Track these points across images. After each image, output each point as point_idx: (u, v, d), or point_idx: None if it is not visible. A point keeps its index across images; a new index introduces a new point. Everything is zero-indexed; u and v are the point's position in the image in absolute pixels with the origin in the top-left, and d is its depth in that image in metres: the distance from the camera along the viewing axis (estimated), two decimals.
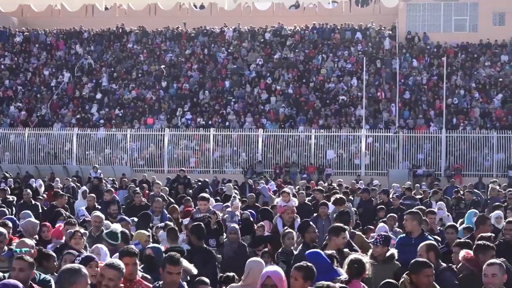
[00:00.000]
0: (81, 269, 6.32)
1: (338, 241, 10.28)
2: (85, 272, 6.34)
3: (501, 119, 44.34)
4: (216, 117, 46.10)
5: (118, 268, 7.17)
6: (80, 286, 6.18)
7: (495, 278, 7.45)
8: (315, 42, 53.28)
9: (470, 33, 52.53)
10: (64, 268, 6.43)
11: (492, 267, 7.54)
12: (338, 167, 41.59)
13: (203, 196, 15.25)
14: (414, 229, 11.24)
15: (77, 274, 6.24)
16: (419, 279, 7.78)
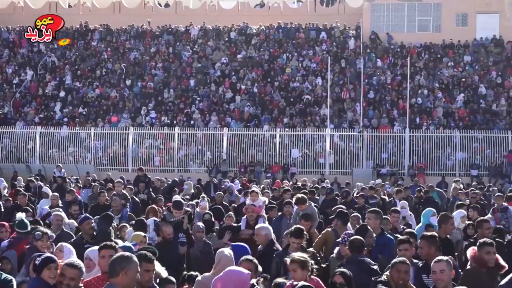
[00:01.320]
0: (132, 256, 6.85)
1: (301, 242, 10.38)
2: (136, 259, 6.85)
3: (464, 119, 44.80)
4: (180, 115, 45.97)
5: (79, 268, 7.24)
6: (129, 271, 6.69)
7: (443, 274, 7.61)
8: (280, 41, 53.36)
9: (434, 33, 52.99)
10: (118, 255, 6.97)
11: (440, 264, 7.68)
12: (303, 166, 41.73)
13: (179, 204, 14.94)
14: (376, 227, 11.39)
15: (128, 260, 6.75)
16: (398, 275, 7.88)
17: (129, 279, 6.72)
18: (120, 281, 6.69)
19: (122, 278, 6.71)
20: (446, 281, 7.60)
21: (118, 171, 39.29)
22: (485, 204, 19.82)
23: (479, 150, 41.57)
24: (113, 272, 6.73)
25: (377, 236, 11.21)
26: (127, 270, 6.67)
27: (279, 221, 15.31)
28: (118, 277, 6.71)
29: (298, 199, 15.10)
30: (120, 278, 6.70)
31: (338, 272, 7.72)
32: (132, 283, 6.79)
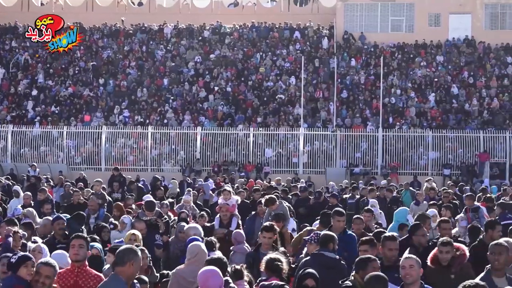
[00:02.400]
0: (138, 250, 7.39)
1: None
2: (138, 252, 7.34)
3: (436, 119, 45.10)
4: (154, 114, 45.83)
5: (54, 266, 7.35)
6: (135, 263, 7.19)
7: (412, 270, 7.68)
8: (254, 40, 53.37)
9: (406, 33, 53.30)
10: (122, 248, 7.47)
11: (410, 260, 7.75)
12: (276, 166, 41.78)
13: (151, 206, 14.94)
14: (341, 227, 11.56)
15: (135, 253, 7.26)
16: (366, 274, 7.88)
17: (133, 270, 7.22)
18: (126, 270, 7.15)
19: (128, 268, 7.17)
20: (414, 276, 7.67)
21: (91, 170, 39.16)
22: (457, 203, 19.93)
23: (451, 150, 41.88)
24: (121, 262, 7.20)
25: (340, 234, 11.32)
26: (134, 261, 7.18)
27: (253, 221, 15.34)
28: (125, 266, 7.17)
29: (267, 200, 15.11)
30: (126, 268, 7.16)
31: (308, 275, 7.71)
32: (135, 274, 7.34)
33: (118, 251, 7.42)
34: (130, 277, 7.22)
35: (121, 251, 7.33)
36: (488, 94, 47.47)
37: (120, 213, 16.11)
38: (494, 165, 41.00)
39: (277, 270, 8.04)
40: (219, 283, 7.16)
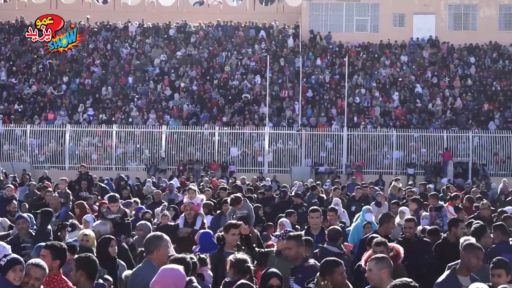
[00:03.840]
0: (163, 235, 8.10)
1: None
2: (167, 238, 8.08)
3: (400, 118, 45.41)
4: (118, 113, 45.58)
5: (44, 268, 7.27)
6: (162, 248, 7.89)
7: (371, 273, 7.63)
8: (219, 39, 53.31)
9: (371, 33, 53.60)
10: (148, 237, 8.21)
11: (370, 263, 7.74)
12: (242, 165, 41.80)
13: (113, 197, 14.95)
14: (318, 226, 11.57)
15: (160, 239, 7.97)
16: (333, 279, 7.86)
17: (162, 254, 7.86)
18: (155, 257, 7.84)
19: (156, 255, 7.86)
20: (375, 280, 7.65)
21: (55, 169, 38.84)
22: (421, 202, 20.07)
23: (415, 149, 42.23)
24: (148, 250, 7.98)
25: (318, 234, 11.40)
26: (160, 247, 7.88)
27: (218, 219, 15.33)
28: (153, 254, 7.88)
29: (233, 199, 15.11)
30: (154, 255, 7.86)
31: (272, 274, 7.69)
32: (165, 258, 7.84)
33: (145, 241, 8.15)
34: (161, 261, 7.75)
35: (147, 241, 8.05)
36: (451, 94, 47.92)
37: (82, 212, 16.01)
38: (457, 164, 41.41)
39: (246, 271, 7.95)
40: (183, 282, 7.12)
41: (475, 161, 41.56)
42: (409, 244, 11.27)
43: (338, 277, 7.91)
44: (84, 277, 7.40)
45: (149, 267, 7.76)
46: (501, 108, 46.59)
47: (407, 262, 10.81)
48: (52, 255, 7.91)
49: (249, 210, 14.70)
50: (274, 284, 7.57)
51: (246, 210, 14.62)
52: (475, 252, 8.03)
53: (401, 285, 6.50)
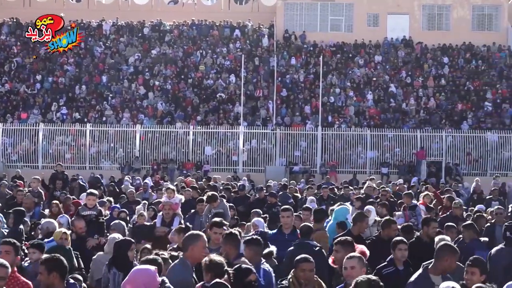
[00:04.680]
0: (199, 234, 8.49)
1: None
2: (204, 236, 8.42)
3: (374, 118, 45.60)
4: (92, 112, 45.35)
5: (8, 267, 7.30)
6: (196, 247, 8.14)
7: (353, 271, 7.66)
8: (194, 38, 53.21)
9: (346, 33, 53.78)
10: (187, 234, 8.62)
11: (351, 260, 7.76)
12: (216, 164, 41.75)
13: (91, 191, 14.97)
14: (290, 225, 11.59)
15: (195, 238, 8.29)
16: (299, 274, 7.90)
17: (196, 253, 8.11)
18: (189, 255, 8.14)
19: (191, 252, 8.14)
20: (356, 277, 7.68)
21: (28, 168, 38.56)
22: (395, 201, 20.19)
23: (389, 148, 42.42)
24: (184, 248, 8.34)
25: (290, 233, 11.40)
26: (194, 246, 8.14)
27: (192, 218, 15.31)
28: (188, 252, 8.18)
29: (209, 197, 15.11)
30: (189, 252, 8.15)
31: (250, 270, 7.68)
32: (199, 257, 8.03)
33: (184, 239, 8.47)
34: (195, 259, 8.09)
35: (184, 238, 8.44)
36: (425, 94, 48.21)
37: (57, 212, 15.93)
38: (430, 163, 41.67)
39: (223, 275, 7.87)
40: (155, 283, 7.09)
41: (448, 161, 41.84)
42: (383, 243, 11.32)
43: (307, 273, 7.92)
44: (58, 279, 7.35)
45: (183, 265, 8.08)
46: (474, 108, 46.93)
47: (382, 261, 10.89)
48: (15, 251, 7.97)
49: (224, 209, 14.71)
50: (252, 279, 7.58)
51: (222, 209, 14.62)
52: (451, 254, 8.07)
53: (365, 281, 6.54)
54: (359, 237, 11.49)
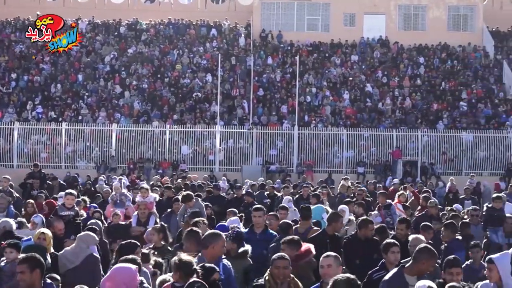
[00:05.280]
0: (220, 233, 8.76)
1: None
2: (223, 236, 8.70)
3: (351, 117, 45.73)
4: (68, 111, 45.09)
5: None
6: (217, 245, 8.46)
7: (330, 269, 7.68)
8: (171, 37, 53.11)
9: (322, 33, 53.93)
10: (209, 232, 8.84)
11: (328, 259, 7.79)
12: (193, 163, 41.68)
13: (70, 191, 14.89)
14: (262, 224, 11.63)
15: (216, 237, 8.57)
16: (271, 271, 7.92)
17: (216, 251, 8.43)
18: (209, 252, 8.38)
19: (210, 250, 8.40)
20: (332, 276, 7.69)
21: (3, 167, 38.28)
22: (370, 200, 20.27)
23: (365, 148, 42.57)
24: (204, 245, 8.52)
25: (261, 232, 11.43)
26: (215, 245, 8.45)
27: (168, 218, 15.29)
28: (208, 249, 8.41)
29: (184, 196, 15.09)
30: (209, 250, 8.39)
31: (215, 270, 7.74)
32: (218, 256, 8.47)
33: (203, 236, 8.65)
34: (213, 257, 8.36)
35: (206, 236, 8.63)
36: (401, 94, 48.44)
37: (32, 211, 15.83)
38: (406, 163, 41.87)
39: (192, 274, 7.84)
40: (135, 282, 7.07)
41: (424, 160, 42.07)
42: (359, 243, 11.37)
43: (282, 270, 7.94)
44: (39, 277, 7.31)
45: (200, 261, 8.04)
46: (449, 108, 47.21)
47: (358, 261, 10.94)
48: None
49: (200, 209, 14.70)
50: (216, 278, 7.66)
51: (197, 208, 14.61)
52: (430, 257, 8.09)
53: (344, 280, 6.57)
54: (334, 237, 11.51)
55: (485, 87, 49.33)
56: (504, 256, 7.81)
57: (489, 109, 46.96)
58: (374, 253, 11.21)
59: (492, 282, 7.82)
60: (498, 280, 7.67)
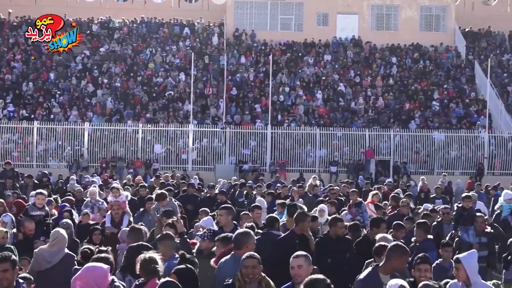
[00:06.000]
0: (250, 232, 9.08)
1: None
2: (253, 235, 9.06)
3: (324, 117, 45.86)
4: (40, 109, 44.78)
5: None
6: (250, 244, 8.74)
7: (301, 269, 7.67)
8: (143, 36, 52.93)
9: (295, 32, 54.04)
10: (239, 233, 9.03)
11: (298, 259, 7.76)
12: (166, 162, 41.57)
13: (40, 191, 14.78)
14: (229, 223, 11.60)
15: (249, 236, 8.89)
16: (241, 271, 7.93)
17: (250, 250, 8.51)
18: (243, 252, 8.38)
19: (244, 250, 8.49)
20: (303, 276, 7.69)
21: None
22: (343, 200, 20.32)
23: (338, 147, 42.69)
24: (238, 246, 8.76)
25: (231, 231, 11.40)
26: (248, 244, 8.73)
27: (141, 217, 15.24)
28: (242, 249, 8.59)
29: (158, 195, 15.05)
30: (243, 250, 8.51)
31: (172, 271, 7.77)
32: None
33: (235, 236, 8.92)
34: None
35: (237, 236, 8.90)
36: (373, 93, 48.66)
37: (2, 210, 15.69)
38: (379, 162, 42.09)
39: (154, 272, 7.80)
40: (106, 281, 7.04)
41: (396, 160, 42.30)
42: (331, 242, 11.39)
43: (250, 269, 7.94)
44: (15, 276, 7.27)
45: (234, 260, 8.39)
46: (421, 107, 47.50)
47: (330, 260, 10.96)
48: None
49: (173, 208, 14.66)
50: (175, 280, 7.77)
51: (170, 207, 14.57)
52: (402, 254, 8.13)
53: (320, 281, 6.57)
54: (303, 237, 11.41)
55: (457, 87, 49.69)
56: (471, 255, 7.90)
57: (460, 109, 47.33)
58: (346, 252, 11.24)
59: (460, 281, 7.90)
60: (466, 279, 7.76)
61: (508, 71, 51.59)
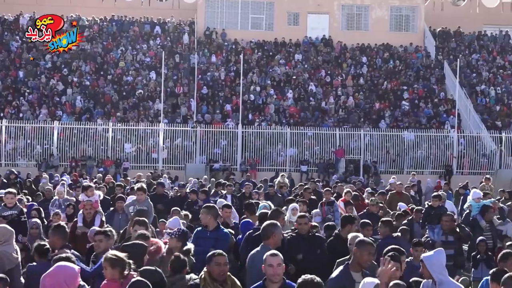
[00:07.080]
0: (277, 223, 9.69)
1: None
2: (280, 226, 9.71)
3: (294, 116, 45.96)
4: (8, 108, 44.38)
5: None
6: (277, 234, 9.43)
7: (279, 268, 7.66)
8: (114, 34, 52.66)
9: (266, 31, 54.11)
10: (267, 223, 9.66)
11: (277, 258, 7.73)
12: (136, 161, 41.41)
13: (9, 190, 14.61)
14: (209, 222, 11.54)
15: (275, 226, 9.54)
16: (210, 269, 7.92)
17: (277, 239, 9.38)
18: (271, 241, 9.28)
19: (272, 239, 9.31)
20: (281, 275, 7.70)
21: None
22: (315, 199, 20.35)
23: (308, 147, 42.80)
24: (266, 236, 9.43)
25: (212, 230, 11.38)
26: (275, 233, 9.40)
27: (112, 216, 15.18)
28: (269, 239, 9.33)
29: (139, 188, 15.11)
30: (271, 240, 9.30)
31: None
32: (279, 242, 9.44)
33: (263, 227, 9.54)
34: (276, 244, 9.22)
35: (264, 227, 9.52)
36: (344, 93, 48.83)
37: None
38: (349, 162, 42.27)
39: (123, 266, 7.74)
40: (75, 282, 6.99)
41: (366, 159, 42.51)
42: (302, 239, 11.42)
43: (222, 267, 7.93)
44: None
45: (265, 250, 8.46)
46: (391, 107, 47.78)
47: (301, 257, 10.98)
48: None
49: (148, 208, 14.60)
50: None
51: (145, 206, 14.52)
52: (367, 248, 8.19)
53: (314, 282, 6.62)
54: None
55: (426, 87, 50.03)
56: (435, 254, 7.95)
57: (430, 109, 47.67)
58: (317, 249, 11.28)
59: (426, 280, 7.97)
60: (430, 277, 7.82)
61: (477, 71, 52.05)
